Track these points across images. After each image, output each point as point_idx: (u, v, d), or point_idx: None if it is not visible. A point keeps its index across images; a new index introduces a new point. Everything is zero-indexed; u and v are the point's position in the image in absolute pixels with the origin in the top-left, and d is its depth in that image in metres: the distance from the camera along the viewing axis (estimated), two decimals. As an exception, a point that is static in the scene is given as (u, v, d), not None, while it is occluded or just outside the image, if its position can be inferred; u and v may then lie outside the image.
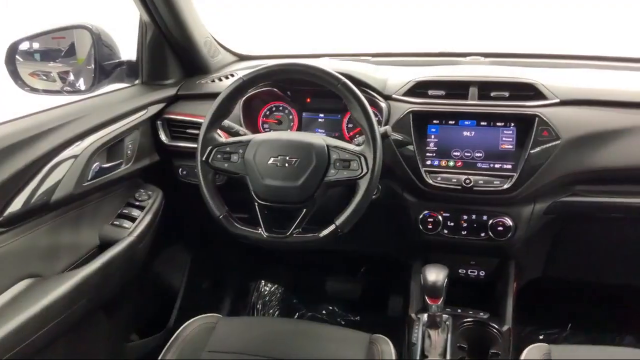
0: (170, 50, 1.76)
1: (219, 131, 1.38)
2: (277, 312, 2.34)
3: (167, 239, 1.90)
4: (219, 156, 1.33)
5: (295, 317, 2.29)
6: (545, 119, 1.39)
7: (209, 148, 1.33)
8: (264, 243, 1.29)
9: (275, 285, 2.41)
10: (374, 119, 1.27)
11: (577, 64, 1.78)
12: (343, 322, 2.23)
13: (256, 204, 1.30)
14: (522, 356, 1.26)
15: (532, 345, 1.28)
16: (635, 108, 1.42)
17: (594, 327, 2.05)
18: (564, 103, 1.42)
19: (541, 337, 2.05)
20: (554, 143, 1.37)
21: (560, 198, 1.46)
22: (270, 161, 1.28)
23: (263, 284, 2.42)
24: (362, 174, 1.24)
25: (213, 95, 1.39)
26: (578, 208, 1.47)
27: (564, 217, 1.51)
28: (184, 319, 1.42)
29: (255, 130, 1.66)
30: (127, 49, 1.68)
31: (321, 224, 1.27)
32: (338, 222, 1.25)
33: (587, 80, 1.57)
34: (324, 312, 2.28)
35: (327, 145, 1.28)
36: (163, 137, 1.69)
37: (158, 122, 1.69)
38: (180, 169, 1.72)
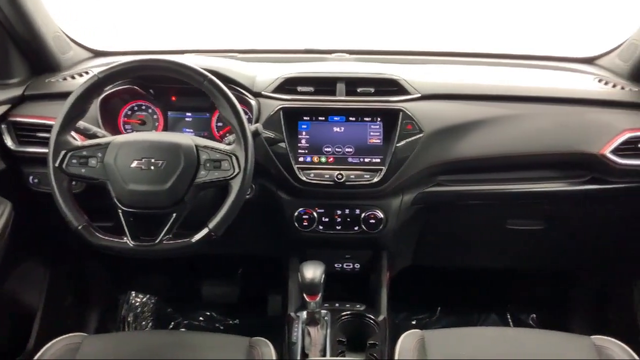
0: (14, 45, 1.59)
1: (73, 134, 1.28)
2: (150, 324, 2.22)
3: (21, 255, 1.72)
4: (74, 161, 1.22)
5: (171, 327, 2.20)
6: (408, 113, 1.44)
7: (63, 152, 1.22)
8: (130, 253, 1.21)
9: (147, 296, 2.29)
10: (244, 117, 1.25)
11: (436, 60, 1.88)
12: (222, 327, 2.18)
13: (120, 211, 1.22)
14: (398, 343, 1.30)
15: (407, 332, 1.33)
16: (488, 101, 1.52)
17: (461, 309, 2.19)
18: (425, 97, 1.48)
19: (414, 323, 2.16)
20: (417, 136, 1.43)
21: (425, 189, 1.53)
22: (134, 164, 1.21)
23: (133, 295, 2.28)
24: (234, 174, 1.21)
25: (64, 95, 1.28)
26: (441, 197, 1.55)
27: (429, 207, 1.58)
28: (45, 341, 1.30)
29: (115, 131, 1.55)
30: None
31: (193, 229, 1.22)
32: (211, 225, 1.21)
33: (446, 75, 1.66)
34: (201, 318, 2.21)
35: (196, 145, 1.23)
36: (9, 142, 1.53)
37: (2, 125, 1.52)
38: (31, 177, 1.57)
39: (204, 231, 1.21)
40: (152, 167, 1.20)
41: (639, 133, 1.45)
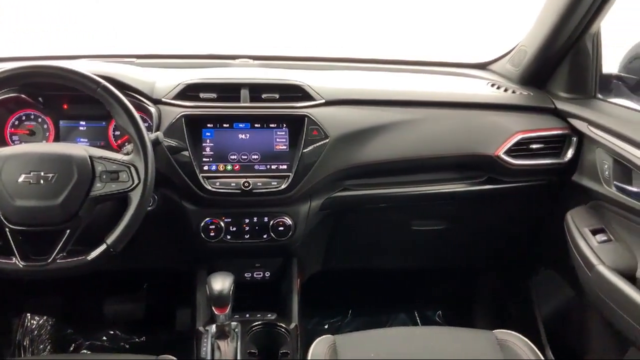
0: None
1: None
2: (49, 348, 2.07)
3: None
4: None
5: (71, 349, 2.06)
6: (314, 119, 1.44)
7: None
8: (20, 274, 1.13)
9: (44, 317, 2.13)
10: (142, 125, 1.20)
11: (340, 66, 1.91)
12: (127, 347, 2.07)
13: (7, 229, 1.13)
14: (310, 351, 1.29)
15: (319, 339, 1.32)
16: (391, 106, 1.55)
17: (372, 310, 2.22)
18: (329, 103, 1.49)
19: (326, 327, 2.16)
20: (323, 142, 1.43)
21: (332, 194, 1.54)
22: (21, 179, 1.12)
23: (29, 317, 2.11)
24: (133, 186, 1.16)
25: None
26: (349, 202, 1.57)
27: (337, 212, 1.59)
28: None
29: (1, 143, 1.43)
30: None
31: (90, 245, 1.15)
32: (109, 240, 1.15)
33: (350, 81, 1.68)
34: (104, 338, 2.09)
35: (90, 156, 1.17)
36: None
37: None
38: None
39: (102, 247, 1.14)
40: (42, 181, 1.12)
41: (530, 134, 1.54)
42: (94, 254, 1.14)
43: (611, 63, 1.57)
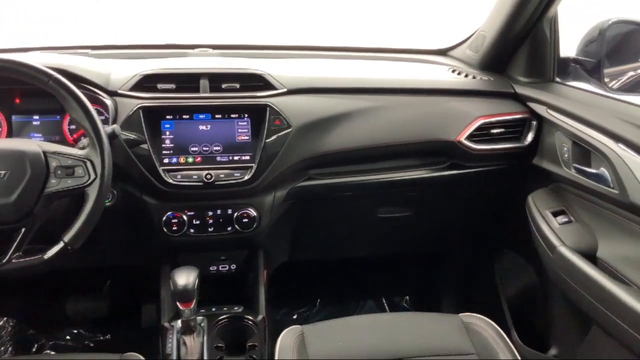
0: None
1: None
2: (10, 349, 2.01)
3: None
4: None
5: (34, 349, 2.00)
6: (276, 108, 1.42)
7: None
8: None
9: (4, 319, 2.07)
10: (97, 118, 1.16)
11: (302, 54, 1.89)
12: (92, 345, 2.03)
13: None
14: (278, 342, 1.28)
15: (287, 330, 1.32)
16: (353, 93, 1.55)
17: (340, 299, 2.23)
18: (291, 92, 1.47)
19: (295, 317, 2.16)
20: (286, 131, 1.42)
21: (297, 183, 1.52)
22: None
23: (-13, 319, 2.05)
24: (89, 181, 1.13)
25: None
26: (314, 191, 1.56)
27: (302, 201, 1.58)
28: None
29: None
30: None
31: (47, 243, 1.12)
32: (66, 238, 1.12)
33: (312, 70, 1.66)
34: (68, 337, 2.04)
35: (44, 152, 1.13)
36: None
37: None
38: None
39: (59, 245, 1.11)
40: None
41: (490, 119, 1.56)
42: (51, 252, 1.11)
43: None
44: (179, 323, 1.35)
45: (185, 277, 1.24)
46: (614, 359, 1.25)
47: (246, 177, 1.40)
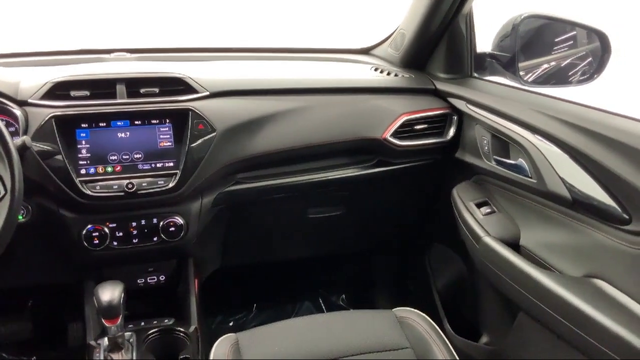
0: None
1: None
2: None
3: None
4: None
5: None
6: (198, 112, 1.38)
7: None
8: None
9: None
10: (5, 130, 1.09)
11: (223, 57, 1.85)
12: (15, 369, 1.91)
13: None
14: (212, 352, 1.25)
15: (220, 339, 1.28)
16: (277, 95, 1.53)
17: (276, 302, 2.21)
18: (214, 95, 1.44)
19: (231, 325, 2.12)
20: (210, 135, 1.38)
21: (224, 188, 1.49)
22: None
23: None
24: None
25: None
26: (242, 195, 1.53)
27: (231, 207, 1.55)
28: None
29: None
30: None
31: None
32: None
33: (234, 72, 1.64)
34: (-11, 363, 1.92)
35: None
36: None
37: None
38: None
39: None
40: None
41: (414, 116, 1.58)
42: None
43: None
44: (105, 340, 1.28)
45: (110, 292, 1.19)
46: (540, 342, 1.30)
47: (171, 185, 1.36)
